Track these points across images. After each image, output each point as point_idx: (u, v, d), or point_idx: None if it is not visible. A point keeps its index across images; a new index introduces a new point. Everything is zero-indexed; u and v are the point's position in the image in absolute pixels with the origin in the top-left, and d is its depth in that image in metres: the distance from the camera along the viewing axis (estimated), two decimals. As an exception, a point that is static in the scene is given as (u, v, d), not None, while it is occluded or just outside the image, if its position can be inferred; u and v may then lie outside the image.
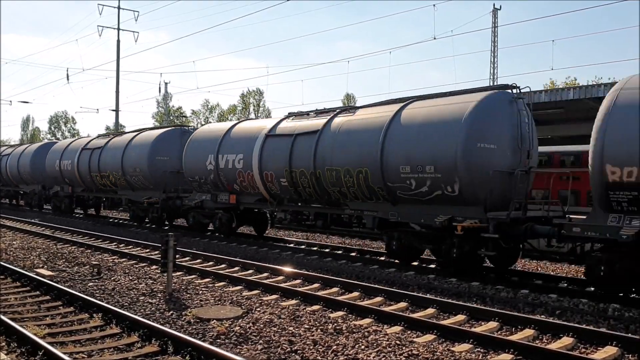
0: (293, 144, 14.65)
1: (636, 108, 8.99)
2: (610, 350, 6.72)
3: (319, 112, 15.15)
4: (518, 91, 11.83)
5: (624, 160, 8.87)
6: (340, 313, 8.46)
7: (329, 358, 6.29)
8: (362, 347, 6.65)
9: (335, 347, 6.62)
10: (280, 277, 11.43)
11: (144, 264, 12.78)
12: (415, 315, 8.29)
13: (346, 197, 13.60)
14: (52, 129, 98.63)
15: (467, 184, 11.06)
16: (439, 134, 11.40)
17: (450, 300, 9.22)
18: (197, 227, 18.86)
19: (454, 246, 11.38)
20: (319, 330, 7.33)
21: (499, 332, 7.67)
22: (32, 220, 23.19)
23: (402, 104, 12.80)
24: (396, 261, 13.11)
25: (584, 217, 9.92)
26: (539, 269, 13.36)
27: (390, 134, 12.27)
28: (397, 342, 6.84)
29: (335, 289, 10.25)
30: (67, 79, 44.31)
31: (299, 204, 15.51)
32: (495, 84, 41.63)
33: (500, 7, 47.77)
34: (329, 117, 14.30)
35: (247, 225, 19.08)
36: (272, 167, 15.17)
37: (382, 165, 12.23)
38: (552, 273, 12.62)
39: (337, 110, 14.67)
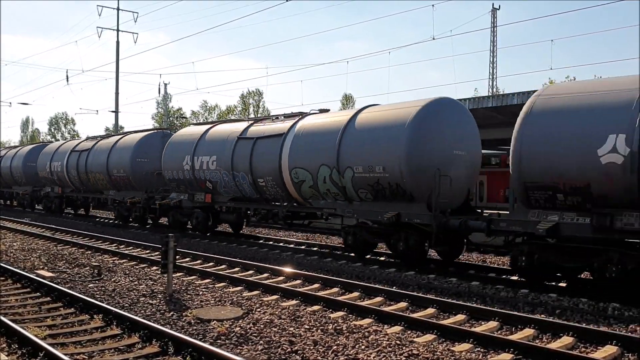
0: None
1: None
2: (610, 349, 6.73)
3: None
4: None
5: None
6: (340, 313, 8.47)
7: (329, 358, 6.30)
8: (363, 347, 6.66)
9: (335, 347, 6.63)
10: (281, 278, 11.44)
11: (145, 265, 12.79)
12: (415, 315, 8.30)
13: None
14: (52, 130, 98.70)
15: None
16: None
17: (450, 300, 9.23)
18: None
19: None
20: (319, 331, 7.34)
21: (499, 332, 7.68)
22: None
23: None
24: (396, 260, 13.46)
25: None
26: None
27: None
28: (397, 342, 6.85)
29: (335, 289, 10.26)
30: (67, 80, 44.34)
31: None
32: (495, 83, 41.64)
33: (500, 7, 47.91)
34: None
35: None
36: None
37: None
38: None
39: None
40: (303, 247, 16.30)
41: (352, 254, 14.16)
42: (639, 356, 6.60)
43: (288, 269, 11.93)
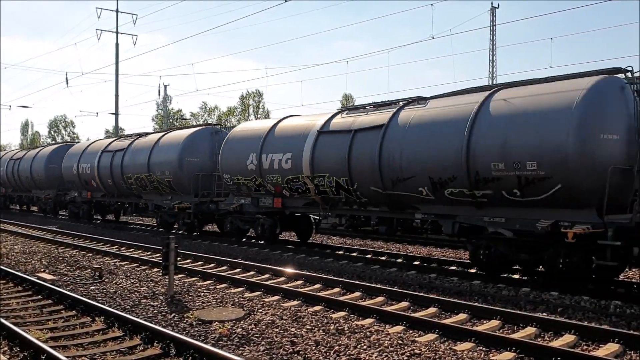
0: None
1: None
2: (612, 347, 6.72)
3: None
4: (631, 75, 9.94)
5: None
6: (342, 313, 8.47)
7: (331, 358, 6.29)
8: (364, 347, 6.65)
9: (337, 347, 6.62)
10: (282, 278, 11.44)
11: (146, 267, 12.79)
12: (416, 315, 8.29)
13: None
14: (52, 133, 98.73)
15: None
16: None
17: (451, 299, 9.22)
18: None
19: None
20: (320, 331, 7.34)
21: (500, 331, 7.68)
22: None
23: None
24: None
25: None
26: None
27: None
28: (399, 341, 6.85)
29: (336, 290, 10.26)
30: (67, 83, 44.15)
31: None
32: (494, 82, 40.73)
33: (499, 5, 47.85)
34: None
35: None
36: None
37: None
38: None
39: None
40: (304, 247, 16.29)
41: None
42: (641, 354, 6.60)
43: (289, 270, 11.93)
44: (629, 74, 9.89)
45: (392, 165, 12.17)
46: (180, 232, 19.88)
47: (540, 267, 10.86)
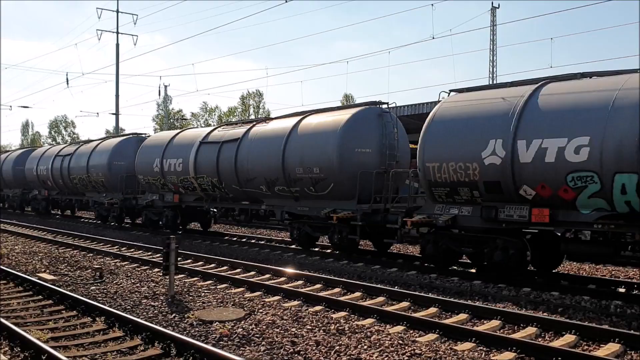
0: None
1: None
2: (613, 347, 6.72)
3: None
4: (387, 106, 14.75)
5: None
6: (342, 313, 8.47)
7: (331, 358, 6.29)
8: (365, 347, 6.65)
9: (337, 347, 6.62)
10: (283, 279, 11.44)
11: (146, 267, 12.80)
12: (417, 315, 8.30)
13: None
14: (53, 133, 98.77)
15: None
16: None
17: (452, 299, 9.23)
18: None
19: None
20: (321, 331, 7.34)
21: (501, 331, 7.68)
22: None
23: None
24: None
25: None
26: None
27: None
28: (400, 341, 6.85)
29: (337, 290, 10.26)
30: (67, 83, 44.20)
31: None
32: (495, 82, 41.77)
33: (499, 5, 47.84)
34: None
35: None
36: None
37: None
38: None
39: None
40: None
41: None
42: (642, 354, 6.60)
43: (290, 270, 11.93)
44: (385, 106, 14.76)
45: (243, 169, 16.34)
46: (112, 222, 23.94)
47: (328, 240, 15.01)
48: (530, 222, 10.27)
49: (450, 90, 12.43)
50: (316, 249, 15.55)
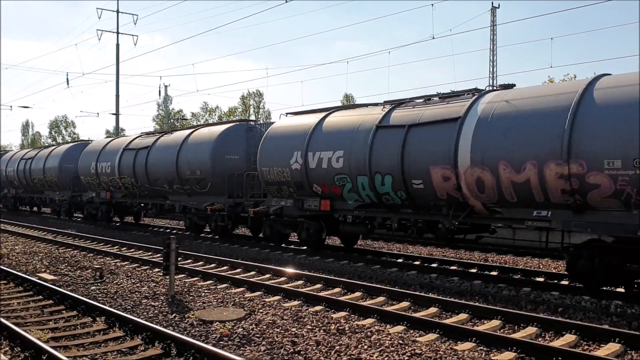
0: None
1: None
2: (613, 347, 6.72)
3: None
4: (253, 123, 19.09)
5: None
6: (342, 313, 8.47)
7: (332, 358, 6.30)
8: (365, 347, 6.66)
9: (338, 347, 6.62)
10: (283, 279, 11.44)
11: (146, 267, 12.80)
12: (417, 315, 8.30)
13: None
14: (53, 133, 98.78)
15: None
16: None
17: (452, 299, 9.23)
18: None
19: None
20: (321, 331, 7.34)
21: (501, 331, 7.68)
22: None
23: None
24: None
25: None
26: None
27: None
28: (400, 341, 6.85)
29: (337, 290, 10.26)
30: (67, 83, 44.24)
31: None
32: (494, 82, 41.60)
33: (499, 5, 47.83)
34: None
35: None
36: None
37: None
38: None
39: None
40: (304, 247, 16.28)
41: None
42: (642, 353, 6.60)
43: (290, 270, 11.93)
44: (251, 123, 19.35)
45: (151, 171, 20.42)
46: (63, 216, 25.66)
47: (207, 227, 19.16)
48: (320, 210, 14.47)
49: (287, 113, 16.70)
50: (202, 235, 19.57)
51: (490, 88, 12.37)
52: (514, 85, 11.78)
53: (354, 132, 13.38)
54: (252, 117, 75.11)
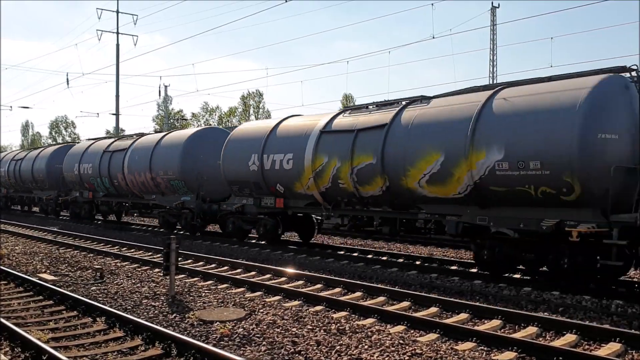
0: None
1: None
2: (614, 346, 6.72)
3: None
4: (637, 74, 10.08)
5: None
6: (343, 313, 8.47)
7: (332, 358, 6.29)
8: (366, 346, 6.65)
9: (338, 347, 6.62)
10: (283, 279, 11.44)
11: (147, 267, 12.79)
12: (418, 315, 8.29)
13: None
14: (53, 134, 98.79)
15: None
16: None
17: (453, 299, 9.22)
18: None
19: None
20: (322, 331, 7.34)
21: (502, 330, 7.68)
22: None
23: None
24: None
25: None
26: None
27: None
28: (401, 341, 6.84)
29: (337, 290, 10.26)
30: (67, 84, 44.30)
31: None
32: (495, 82, 40.84)
33: (499, 5, 47.78)
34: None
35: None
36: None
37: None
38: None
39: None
40: (304, 247, 16.29)
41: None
42: (643, 353, 6.60)
43: (290, 270, 11.93)
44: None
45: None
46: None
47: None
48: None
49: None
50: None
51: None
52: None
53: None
54: (252, 117, 75.14)
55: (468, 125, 10.74)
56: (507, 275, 11.47)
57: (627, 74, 10.08)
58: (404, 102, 13.03)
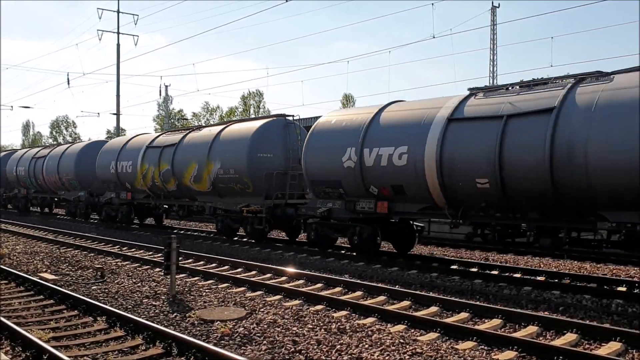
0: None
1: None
2: (614, 345, 6.72)
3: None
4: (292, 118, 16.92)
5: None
6: (343, 312, 8.47)
7: (333, 358, 6.29)
8: (366, 346, 6.65)
9: (339, 346, 6.62)
10: (284, 278, 11.45)
11: (147, 267, 12.80)
12: (418, 314, 8.29)
13: None
14: (54, 133, 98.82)
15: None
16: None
17: (453, 298, 9.22)
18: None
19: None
20: (322, 330, 7.34)
21: (502, 330, 7.68)
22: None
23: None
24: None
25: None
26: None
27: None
28: (401, 340, 6.85)
29: (338, 289, 10.26)
30: (68, 84, 44.18)
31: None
32: (495, 82, 41.86)
33: (499, 5, 47.82)
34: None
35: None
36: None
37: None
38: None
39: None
40: (305, 247, 16.28)
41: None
42: (643, 352, 6.60)
43: (291, 269, 11.93)
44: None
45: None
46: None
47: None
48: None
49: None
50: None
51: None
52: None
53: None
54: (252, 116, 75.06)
55: None
56: (507, 274, 11.47)
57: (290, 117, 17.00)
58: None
